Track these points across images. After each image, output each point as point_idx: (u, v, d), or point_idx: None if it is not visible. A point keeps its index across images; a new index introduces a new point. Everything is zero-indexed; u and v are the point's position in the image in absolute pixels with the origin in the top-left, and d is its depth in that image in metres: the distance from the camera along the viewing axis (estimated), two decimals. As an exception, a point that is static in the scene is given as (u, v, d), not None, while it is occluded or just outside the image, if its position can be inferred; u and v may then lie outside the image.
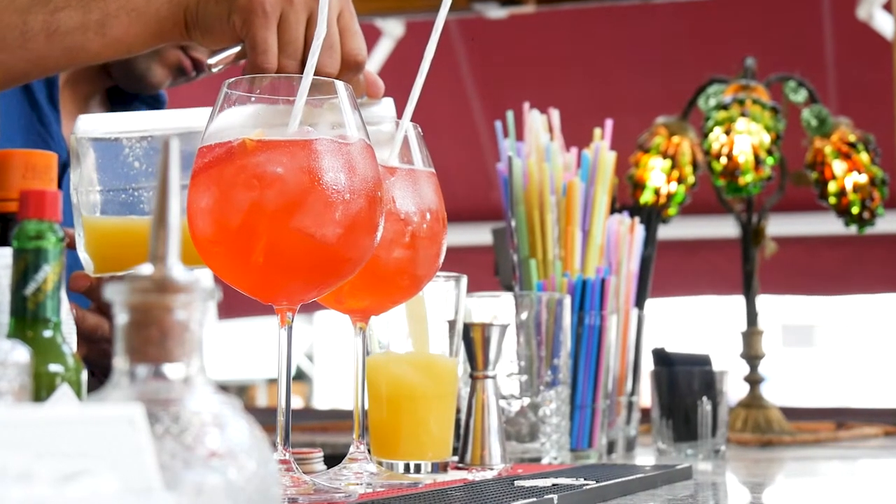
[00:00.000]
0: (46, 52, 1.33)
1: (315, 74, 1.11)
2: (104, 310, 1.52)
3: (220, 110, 1.10)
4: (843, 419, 2.46)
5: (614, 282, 1.77)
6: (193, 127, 1.13)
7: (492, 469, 1.37)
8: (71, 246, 1.34)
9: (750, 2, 4.15)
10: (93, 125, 1.34)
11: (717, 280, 4.47)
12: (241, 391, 12.36)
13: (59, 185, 1.66)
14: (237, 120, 1.09)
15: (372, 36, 4.02)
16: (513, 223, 1.76)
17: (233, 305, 4.70)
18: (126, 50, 1.35)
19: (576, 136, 1.91)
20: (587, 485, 1.15)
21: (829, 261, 4.49)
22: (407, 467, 1.35)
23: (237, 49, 1.35)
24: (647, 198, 2.36)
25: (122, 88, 1.85)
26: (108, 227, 1.33)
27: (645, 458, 1.84)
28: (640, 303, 1.94)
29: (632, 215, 1.89)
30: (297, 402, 10.35)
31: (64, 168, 1.68)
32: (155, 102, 1.89)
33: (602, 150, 1.83)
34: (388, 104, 1.37)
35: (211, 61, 1.39)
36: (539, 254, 1.76)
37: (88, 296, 1.51)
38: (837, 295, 5.70)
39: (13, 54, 1.32)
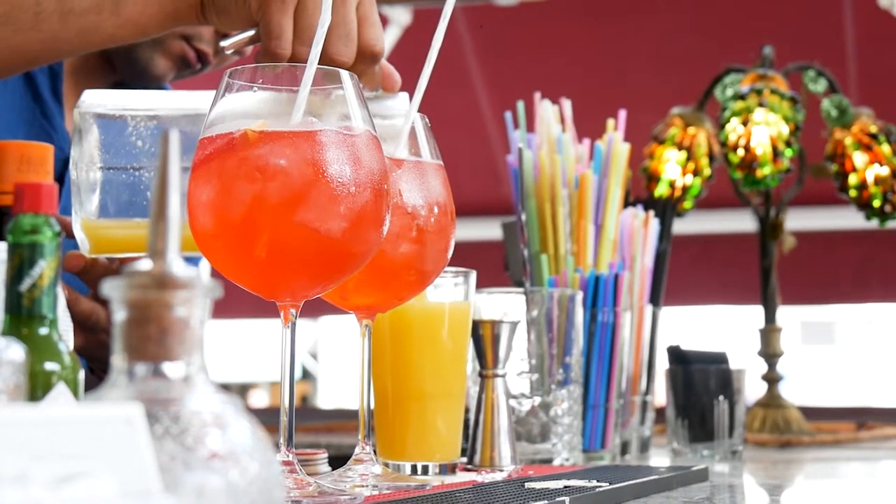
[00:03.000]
0: (60, 33, 1.33)
1: (330, 64, 1.11)
2: (100, 295, 1.51)
3: (222, 101, 1.10)
4: (864, 419, 2.45)
5: (628, 277, 1.76)
6: (200, 109, 1.13)
7: (501, 471, 1.37)
8: (67, 229, 1.34)
9: (768, -12, 4.15)
10: (99, 100, 1.35)
11: (733, 276, 4.47)
12: (242, 391, 12.38)
13: (61, 180, 1.67)
14: (239, 109, 1.09)
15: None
16: (523, 217, 1.76)
17: (234, 304, 4.70)
18: (141, 32, 1.35)
19: (588, 127, 1.90)
20: (600, 487, 1.15)
21: (849, 257, 4.49)
22: (414, 469, 1.35)
23: (251, 33, 1.35)
24: (661, 191, 2.35)
25: (126, 82, 1.85)
26: (109, 228, 1.34)
27: (660, 459, 1.84)
28: (654, 299, 1.93)
29: (646, 209, 1.89)
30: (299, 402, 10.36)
31: (65, 164, 1.69)
32: None
33: (615, 141, 1.82)
34: (403, 99, 1.37)
35: (224, 44, 1.39)
36: (550, 249, 1.75)
37: (83, 278, 1.51)
38: (856, 303, 5.69)
39: (26, 35, 1.32)
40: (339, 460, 1.31)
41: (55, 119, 1.73)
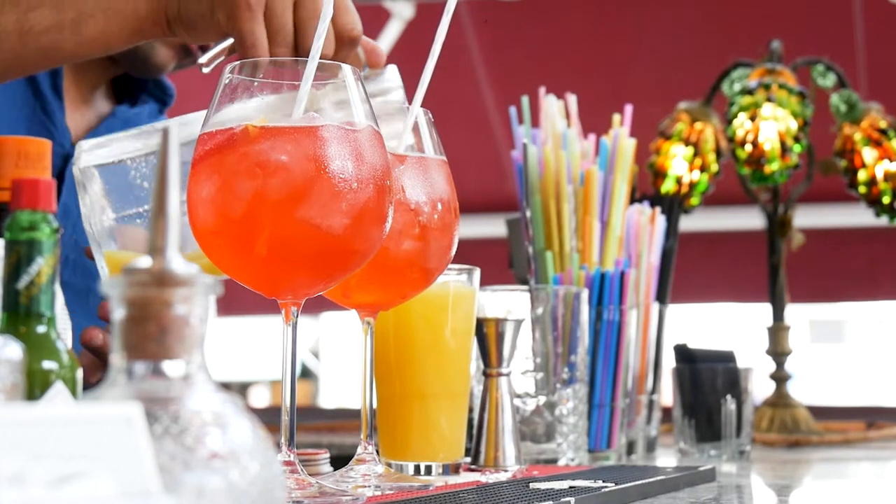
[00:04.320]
0: (21, 52, 1.33)
1: (304, 52, 1.11)
2: None
3: (222, 96, 1.10)
4: (873, 418, 2.45)
5: (634, 275, 1.76)
6: (195, 135, 1.14)
7: (506, 471, 1.37)
8: (88, 254, 1.34)
9: (776, -18, 4.14)
10: (94, 150, 1.35)
11: (741, 274, 4.46)
12: (243, 390, 12.38)
13: (61, 177, 1.67)
14: (240, 108, 1.09)
15: (381, 18, 4.01)
16: (528, 214, 1.76)
17: (235, 301, 4.70)
18: (104, 48, 1.35)
19: (594, 122, 1.90)
20: (606, 487, 1.15)
21: (859, 255, 4.48)
22: (417, 469, 1.35)
23: (227, 44, 1.35)
24: (668, 187, 2.35)
25: (129, 74, 1.85)
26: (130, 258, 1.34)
27: (666, 459, 1.84)
28: (661, 297, 1.93)
29: (652, 205, 1.89)
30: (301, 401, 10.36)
31: (65, 160, 1.69)
32: (163, 95, 1.89)
33: (621, 136, 1.82)
34: (392, 72, 1.37)
35: (201, 60, 1.38)
36: (555, 246, 1.75)
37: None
38: (867, 300, 5.68)
39: None
40: (341, 460, 1.31)
41: (55, 115, 1.73)
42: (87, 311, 1.57)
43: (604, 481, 1.19)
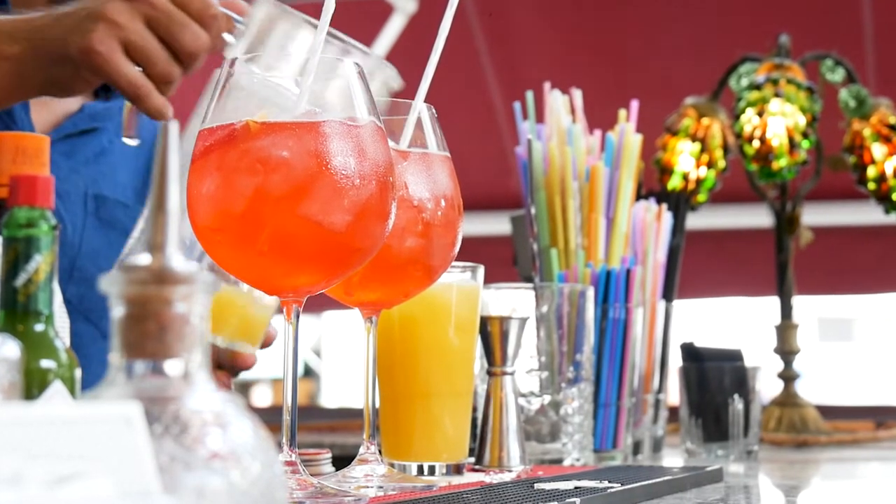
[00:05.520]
0: None
1: (186, 57, 1.12)
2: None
3: (223, 90, 1.10)
4: (883, 418, 2.45)
5: (640, 272, 1.76)
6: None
7: (510, 471, 1.37)
8: None
9: (784, -25, 4.14)
10: None
11: (748, 271, 4.46)
12: (244, 389, 12.38)
13: None
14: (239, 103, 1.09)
15: (383, 12, 4.01)
16: (532, 210, 1.76)
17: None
18: None
19: (599, 117, 1.90)
20: (611, 488, 1.15)
21: (868, 253, 4.47)
22: (420, 469, 1.35)
23: (125, 106, 1.34)
24: (675, 183, 2.35)
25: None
26: None
27: (673, 459, 1.84)
28: (667, 295, 1.93)
29: (659, 202, 1.89)
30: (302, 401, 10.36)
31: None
32: None
33: (627, 132, 1.82)
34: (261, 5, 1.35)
35: (125, 139, 1.37)
36: (560, 243, 1.75)
37: None
38: (876, 293, 5.68)
39: None
40: (343, 460, 1.31)
41: (15, 111, 1.70)
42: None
43: (609, 482, 1.19)
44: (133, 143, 1.38)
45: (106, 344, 1.47)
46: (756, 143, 2.22)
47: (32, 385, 0.85)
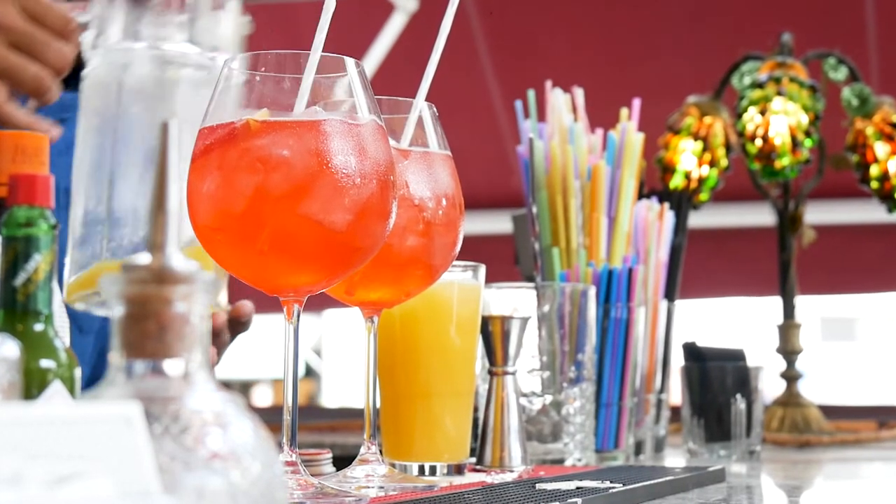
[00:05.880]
0: None
1: (54, 73, 1.13)
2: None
3: (222, 90, 1.10)
4: (886, 418, 2.45)
5: (642, 272, 1.76)
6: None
7: (512, 471, 1.37)
8: None
9: (787, -27, 4.13)
10: None
11: (751, 270, 4.46)
12: (244, 389, 12.39)
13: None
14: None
15: (384, 10, 4.01)
16: (534, 209, 1.76)
17: (236, 298, 4.70)
18: None
19: (601, 116, 1.90)
20: (613, 488, 1.15)
21: (871, 252, 4.47)
22: (421, 469, 1.35)
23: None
24: (677, 182, 2.35)
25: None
26: None
27: (675, 459, 1.83)
28: (669, 294, 1.93)
29: (661, 201, 1.89)
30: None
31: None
32: None
33: (629, 131, 1.82)
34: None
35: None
36: (562, 242, 1.75)
37: None
38: (879, 292, 5.67)
39: None
40: (343, 460, 1.31)
41: None
42: None
43: (611, 482, 1.19)
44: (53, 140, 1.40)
45: (82, 338, 1.47)
46: (758, 142, 2.22)
47: (32, 385, 0.85)
